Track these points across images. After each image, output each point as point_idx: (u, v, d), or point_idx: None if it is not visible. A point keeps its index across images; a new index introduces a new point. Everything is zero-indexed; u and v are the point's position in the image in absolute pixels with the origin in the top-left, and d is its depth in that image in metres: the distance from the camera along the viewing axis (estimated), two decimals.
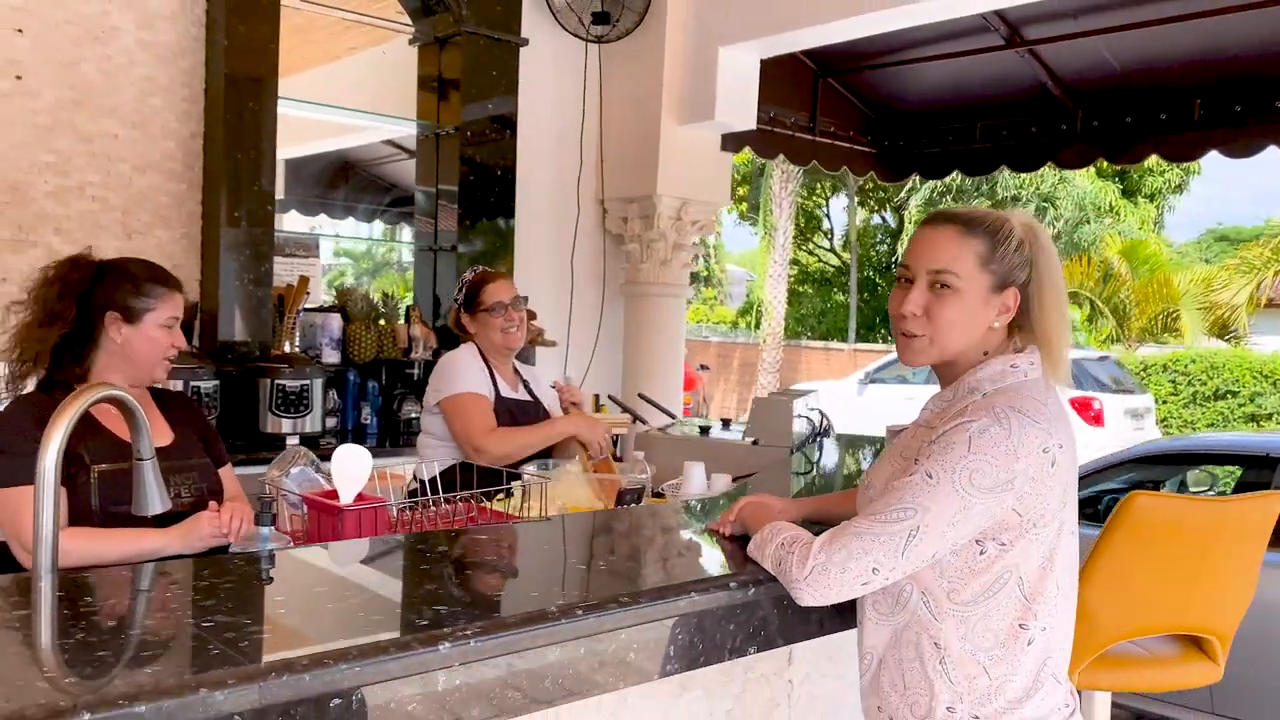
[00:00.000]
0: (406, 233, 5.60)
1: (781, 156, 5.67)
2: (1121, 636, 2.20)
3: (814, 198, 21.38)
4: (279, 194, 5.42)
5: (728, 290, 27.35)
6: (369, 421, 4.34)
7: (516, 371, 3.14)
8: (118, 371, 2.20)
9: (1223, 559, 2.18)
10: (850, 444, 3.70)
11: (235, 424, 3.93)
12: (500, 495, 2.37)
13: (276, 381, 3.87)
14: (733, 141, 5.28)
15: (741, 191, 19.60)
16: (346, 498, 1.85)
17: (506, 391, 3.01)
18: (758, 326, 19.57)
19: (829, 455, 3.29)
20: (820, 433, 3.47)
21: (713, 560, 1.71)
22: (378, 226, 6.42)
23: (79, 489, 2.11)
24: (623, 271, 5.36)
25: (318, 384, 3.98)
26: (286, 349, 4.25)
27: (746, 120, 5.11)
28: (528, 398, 3.09)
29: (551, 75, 5.11)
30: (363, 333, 4.41)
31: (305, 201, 5.74)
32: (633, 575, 1.58)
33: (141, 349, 2.20)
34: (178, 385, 3.58)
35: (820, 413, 3.51)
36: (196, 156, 4.14)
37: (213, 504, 2.14)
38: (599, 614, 1.32)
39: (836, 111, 5.88)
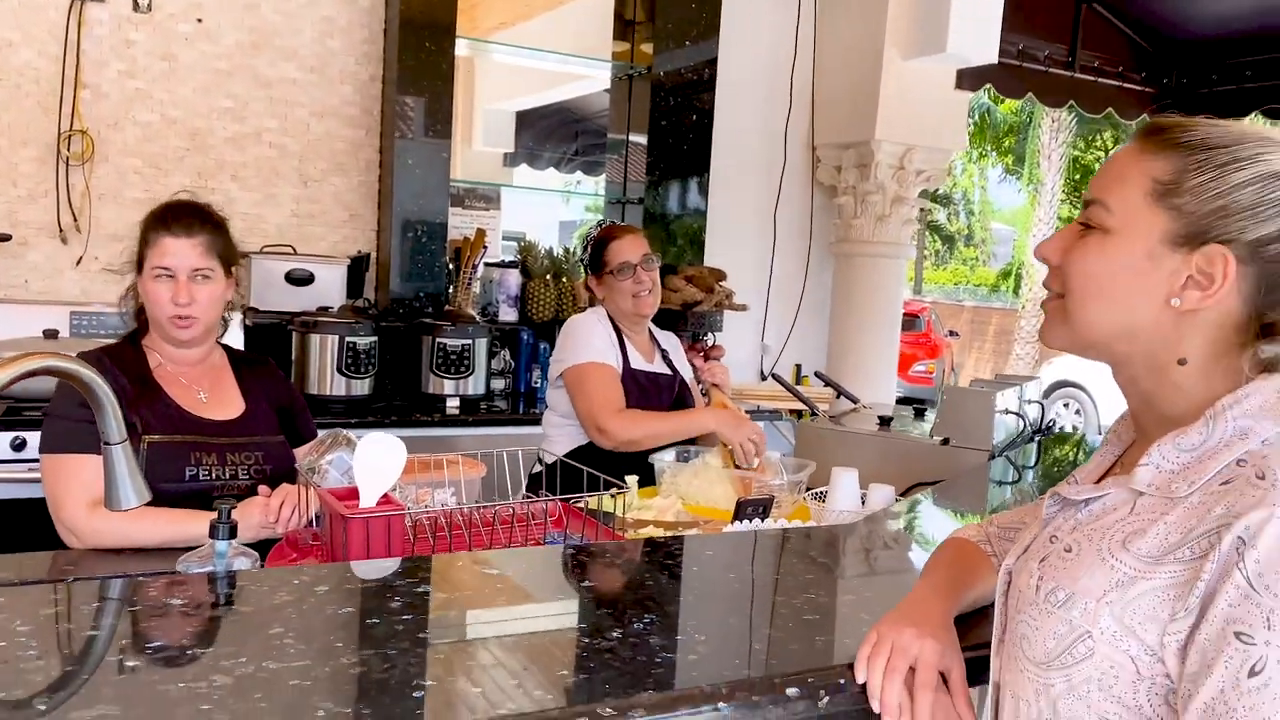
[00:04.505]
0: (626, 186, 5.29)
1: (1031, 95, 4.86)
2: None
3: (1091, 149, 19.39)
4: (509, 147, 5.30)
5: (991, 250, 25.51)
6: (540, 385, 4.06)
7: (653, 338, 2.72)
8: (158, 331, 1.98)
9: None
10: (1078, 442, 3.02)
11: (399, 383, 3.76)
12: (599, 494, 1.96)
13: (438, 340, 3.65)
14: (970, 78, 4.55)
15: (1008, 142, 18.05)
16: (369, 500, 1.52)
17: (638, 363, 2.60)
18: (1016, 291, 18.05)
19: (1052, 460, 2.66)
20: (1039, 430, 2.83)
21: (782, 632, 1.23)
22: (601, 180, 6.16)
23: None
24: (833, 228, 4.78)
25: (481, 344, 3.73)
26: (463, 304, 4.04)
27: (987, 53, 4.36)
28: (664, 370, 2.66)
29: (758, 5, 4.57)
30: (541, 290, 4.12)
31: (537, 155, 5.54)
32: (634, 668, 1.13)
33: (150, 309, 1.97)
34: (332, 340, 3.43)
35: (1041, 406, 2.86)
36: (375, 101, 3.97)
37: (263, 489, 1.87)
38: None
39: (1102, 42, 4.97)
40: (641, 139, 4.32)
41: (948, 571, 1.22)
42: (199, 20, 3.67)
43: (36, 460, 2.04)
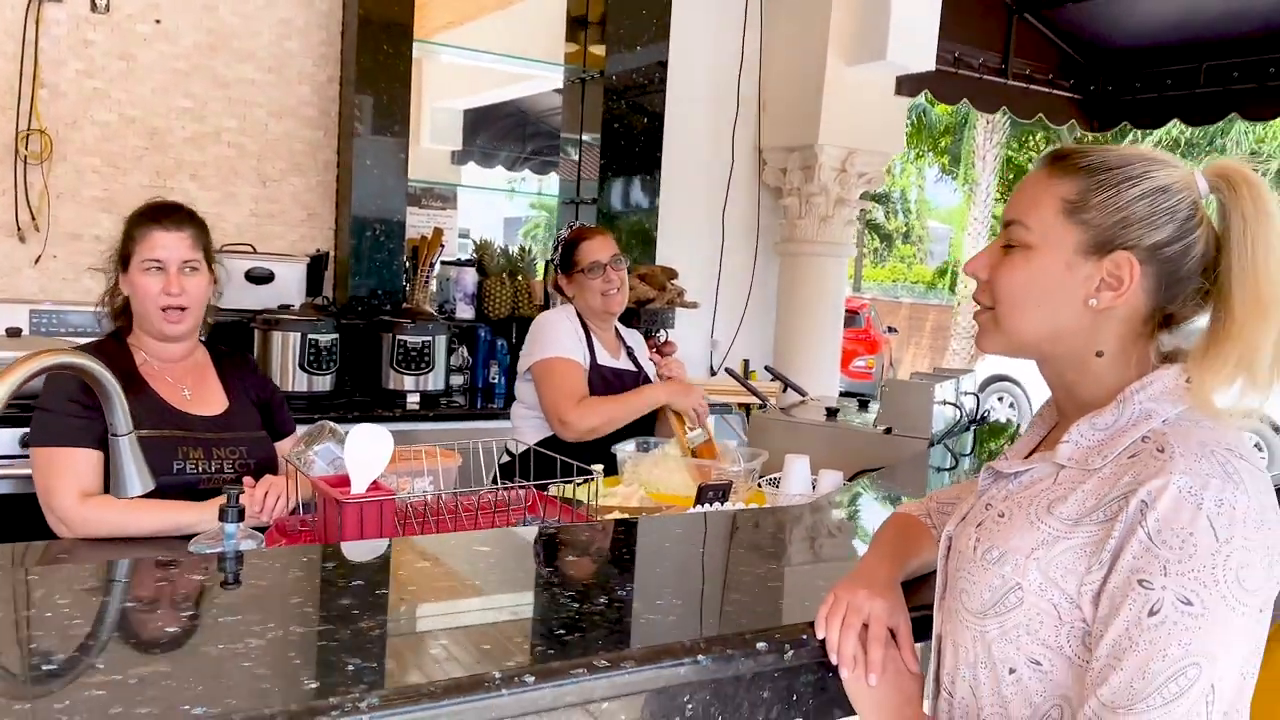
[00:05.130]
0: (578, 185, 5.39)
1: (966, 102, 5.08)
2: None
3: (1024, 150, 19.91)
4: (456, 145, 5.37)
5: (928, 248, 26.05)
6: (497, 380, 4.16)
7: (619, 336, 2.85)
8: (143, 327, 2.06)
9: None
10: (1011, 435, 3.22)
11: (358, 379, 3.84)
12: (571, 481, 2.08)
13: (398, 337, 3.74)
14: (909, 84, 4.75)
15: (944, 143, 18.46)
16: (360, 486, 1.62)
17: (605, 359, 2.73)
18: (952, 288, 18.50)
19: (984, 447, 2.84)
20: (973, 420, 3.01)
21: (748, 595, 1.38)
22: (554, 180, 6.26)
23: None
24: (779, 228, 4.95)
25: (441, 340, 3.83)
26: (421, 302, 4.13)
27: (925, 60, 4.56)
28: (630, 366, 2.80)
29: (708, 13, 4.72)
30: (498, 288, 4.23)
31: (484, 153, 5.62)
32: (622, 628, 1.26)
33: (137, 304, 2.05)
34: (294, 337, 3.50)
35: (976, 398, 3.05)
36: (333, 102, 4.04)
37: (247, 480, 1.96)
38: (556, 682, 1.02)
39: (1033, 51, 5.21)
40: (594, 140, 4.44)
41: (893, 542, 1.37)
42: (157, 21, 3.71)
43: None
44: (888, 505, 2.03)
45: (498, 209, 7.44)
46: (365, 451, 1.63)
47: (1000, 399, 10.86)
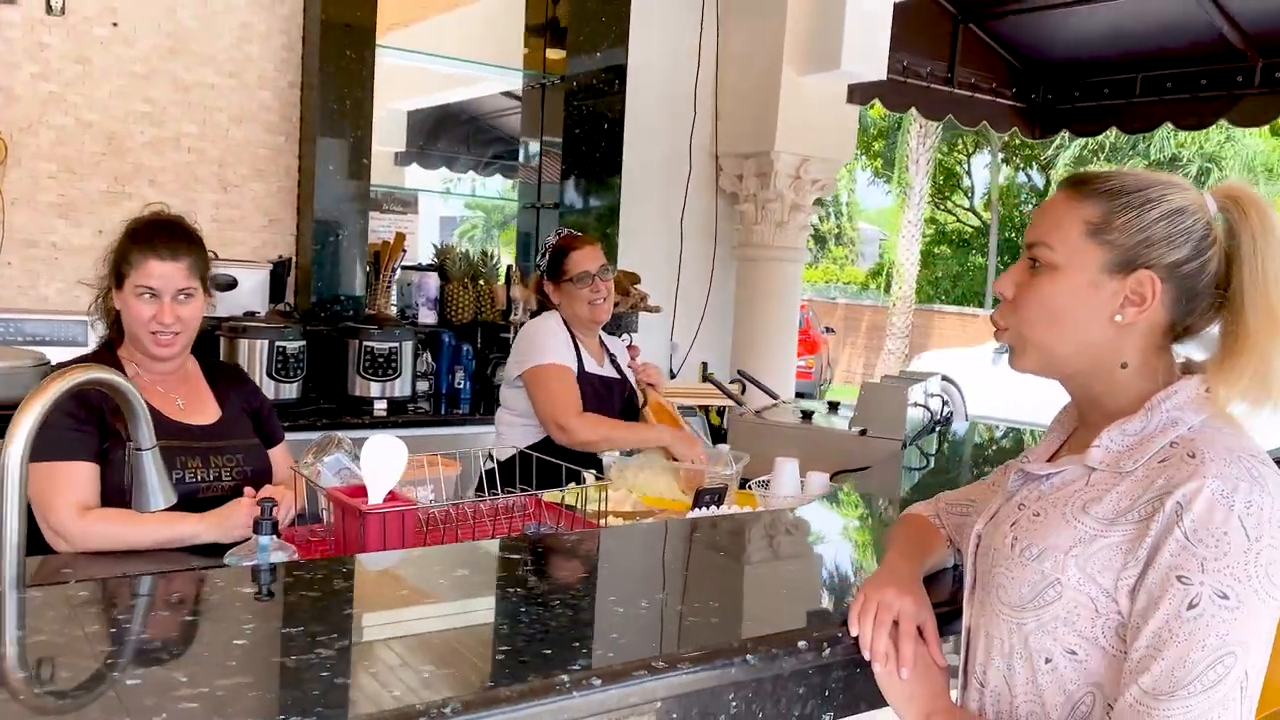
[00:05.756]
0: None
1: (914, 110, 5.22)
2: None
3: (954, 154, 20.37)
4: (400, 146, 5.33)
5: (859, 250, 26.51)
6: (462, 386, 4.17)
7: (602, 344, 2.89)
8: (135, 343, 2.05)
9: None
10: (977, 433, 3.33)
11: (324, 386, 3.82)
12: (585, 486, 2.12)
13: (365, 343, 3.73)
14: (860, 93, 4.87)
15: (877, 146, 18.81)
16: (376, 496, 1.64)
17: (592, 366, 2.77)
18: (888, 289, 18.85)
19: (950, 447, 2.94)
20: (941, 421, 3.11)
21: (778, 597, 1.43)
22: (499, 180, 6.25)
23: (114, 467, 1.97)
24: (736, 233, 5.03)
25: (408, 346, 3.83)
26: (382, 308, 4.12)
27: (876, 70, 4.69)
28: (614, 374, 2.84)
29: (666, 22, 4.79)
30: (460, 293, 4.23)
31: (427, 154, 5.60)
32: (672, 626, 1.31)
33: (129, 323, 2.03)
34: (262, 344, 3.48)
35: (942, 399, 3.15)
36: (294, 107, 4.00)
37: (248, 490, 1.96)
38: (624, 684, 1.06)
39: (978, 61, 5.38)
40: (555, 144, 4.46)
41: (910, 540, 1.43)
42: (114, 24, 3.65)
43: None
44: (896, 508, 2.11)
45: (433, 209, 7.40)
46: (381, 462, 1.65)
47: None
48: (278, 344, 3.50)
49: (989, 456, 2.92)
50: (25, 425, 1.28)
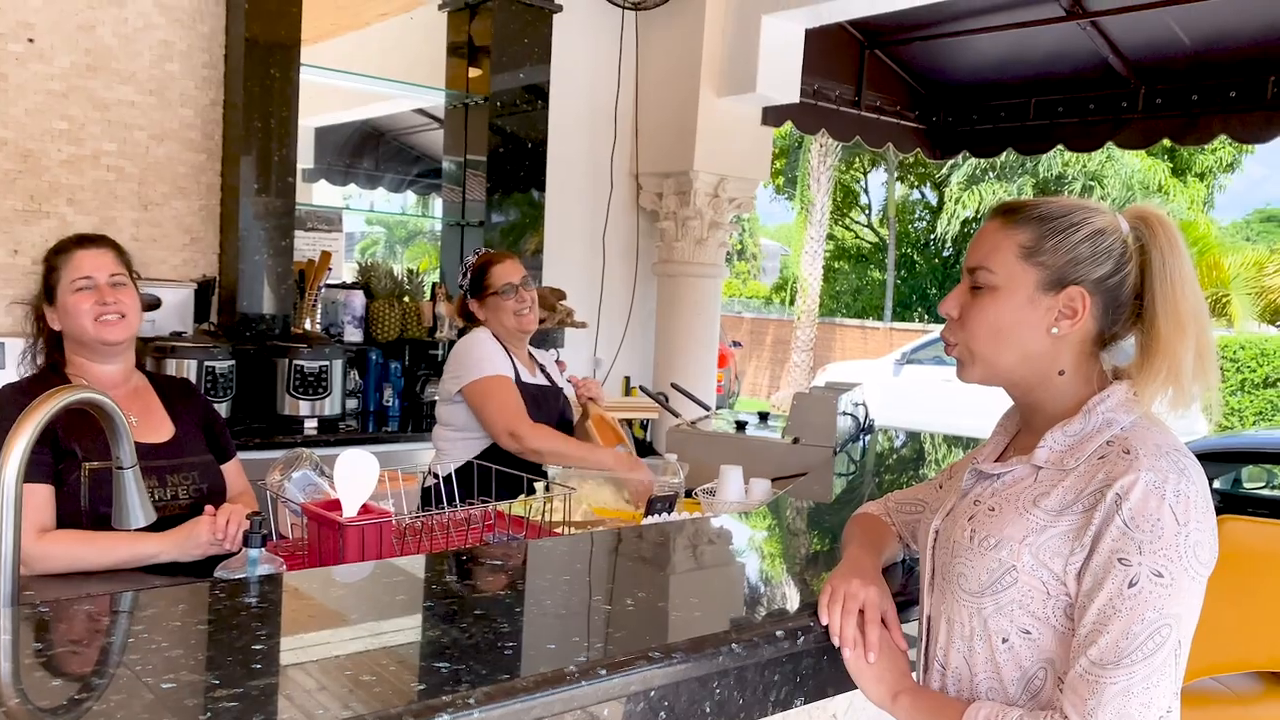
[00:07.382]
0: (438, 204, 5.43)
1: (825, 131, 5.42)
2: (1202, 673, 2.00)
3: (852, 172, 20.98)
4: (308, 163, 5.29)
5: (761, 265, 27.05)
6: (391, 404, 4.18)
7: (532, 356, 2.97)
8: (80, 354, 2.05)
9: None
10: (892, 440, 3.50)
11: (252, 406, 3.79)
12: (550, 496, 2.18)
13: (295, 362, 3.72)
14: (774, 115, 5.04)
15: (778, 165, 19.25)
16: (351, 509, 1.68)
17: (526, 376, 2.84)
18: (792, 303, 19.27)
19: (872, 454, 3.09)
20: (864, 429, 3.27)
21: (753, 592, 1.53)
22: (409, 197, 6.24)
23: (69, 487, 1.96)
24: (656, 250, 5.15)
25: (337, 364, 3.83)
26: (307, 326, 4.11)
27: (789, 93, 4.87)
28: (546, 382, 2.92)
29: (586, 44, 4.89)
30: (386, 311, 4.25)
31: (334, 171, 5.57)
32: (660, 620, 1.39)
33: (71, 325, 2.05)
34: (191, 364, 3.44)
35: (865, 408, 3.30)
36: (216, 125, 3.97)
37: (209, 508, 1.98)
38: (625, 673, 1.14)
39: (883, 85, 5.62)
40: (479, 164, 4.51)
41: (866, 536, 1.55)
42: (30, 40, 3.57)
43: None
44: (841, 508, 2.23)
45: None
46: (353, 476, 1.69)
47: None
48: (207, 364, 3.47)
49: (901, 460, 3.08)
50: (19, 446, 1.30)
